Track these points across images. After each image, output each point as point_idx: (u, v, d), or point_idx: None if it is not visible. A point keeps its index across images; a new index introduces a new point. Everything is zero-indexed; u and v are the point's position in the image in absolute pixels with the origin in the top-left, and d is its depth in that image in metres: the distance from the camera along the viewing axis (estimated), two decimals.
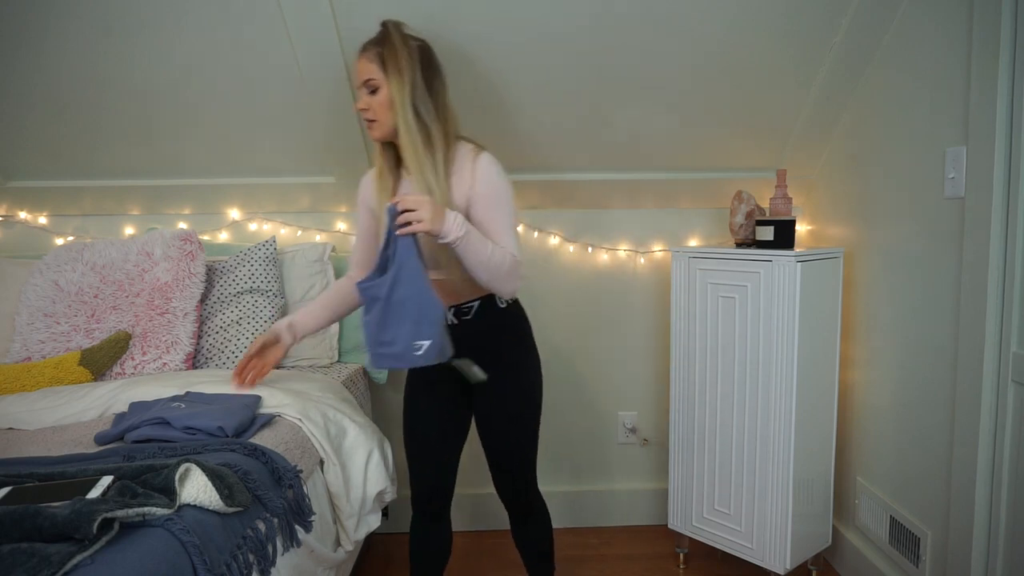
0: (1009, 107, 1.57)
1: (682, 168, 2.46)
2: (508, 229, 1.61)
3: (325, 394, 1.94)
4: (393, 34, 1.62)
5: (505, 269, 1.56)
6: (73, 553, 0.99)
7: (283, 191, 2.49)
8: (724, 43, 2.03)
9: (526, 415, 1.77)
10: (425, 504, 1.83)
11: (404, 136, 1.59)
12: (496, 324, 1.73)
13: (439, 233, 1.48)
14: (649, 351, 2.68)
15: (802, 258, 2.02)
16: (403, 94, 1.58)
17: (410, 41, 1.63)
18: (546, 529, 1.92)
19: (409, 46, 1.61)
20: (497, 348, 1.73)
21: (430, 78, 1.63)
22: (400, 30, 1.64)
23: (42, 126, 2.24)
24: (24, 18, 1.91)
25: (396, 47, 1.59)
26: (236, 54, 2.02)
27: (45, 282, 2.19)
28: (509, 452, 1.79)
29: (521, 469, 1.81)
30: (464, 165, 1.62)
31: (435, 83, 1.65)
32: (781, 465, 2.07)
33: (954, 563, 1.75)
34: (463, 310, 1.71)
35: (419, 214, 1.45)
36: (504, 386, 1.74)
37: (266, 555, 1.32)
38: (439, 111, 1.63)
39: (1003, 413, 1.62)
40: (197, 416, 1.55)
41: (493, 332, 1.73)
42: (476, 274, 1.55)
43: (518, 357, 1.76)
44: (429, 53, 1.67)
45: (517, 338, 1.77)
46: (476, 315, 1.71)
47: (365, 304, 1.54)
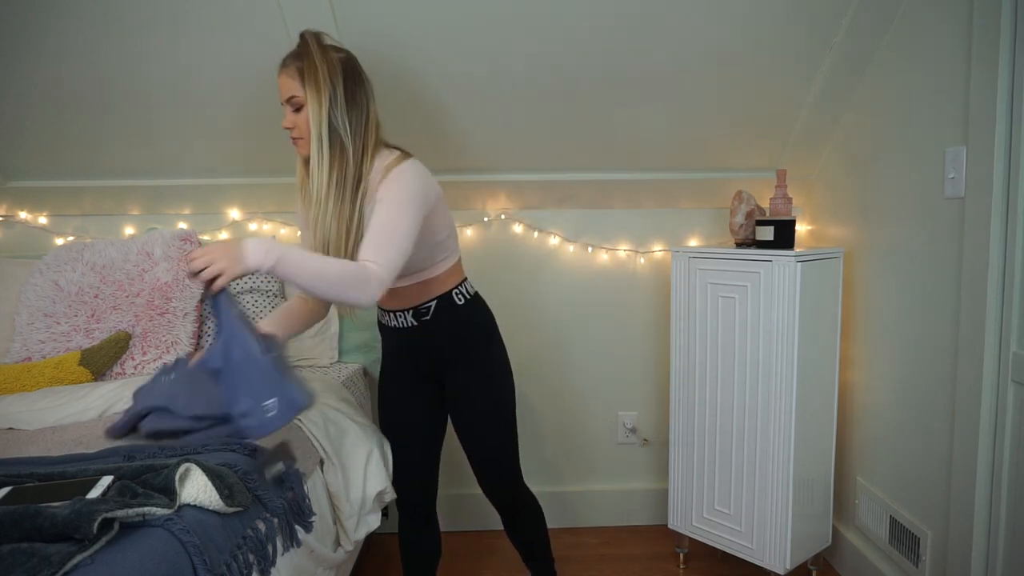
0: (1009, 107, 1.57)
1: (682, 168, 2.46)
2: (380, 235, 1.48)
3: (325, 394, 1.94)
4: (311, 46, 1.55)
5: (345, 278, 1.41)
6: (73, 553, 0.99)
7: (283, 191, 2.48)
8: (724, 43, 2.03)
9: (498, 410, 1.77)
10: (411, 507, 1.85)
11: (314, 154, 1.54)
12: (457, 321, 1.73)
13: (245, 270, 1.34)
14: (649, 351, 2.68)
15: (802, 258, 2.02)
16: (320, 110, 1.52)
17: (331, 53, 1.57)
18: (538, 525, 1.93)
19: (329, 59, 1.55)
20: (461, 346, 1.74)
21: (353, 90, 1.57)
22: (320, 41, 1.57)
23: (42, 126, 2.24)
24: (24, 18, 1.91)
25: (315, 61, 1.53)
26: (236, 54, 2.02)
27: (45, 282, 2.19)
28: (486, 449, 1.79)
29: (501, 466, 1.82)
30: (376, 176, 1.57)
31: (358, 95, 1.59)
32: (781, 465, 2.07)
33: (954, 563, 1.75)
34: (421, 311, 1.71)
35: (213, 268, 1.31)
36: (472, 383, 1.75)
37: (266, 555, 1.32)
38: (360, 125, 1.58)
39: (1003, 413, 1.62)
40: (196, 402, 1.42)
41: (455, 330, 1.73)
42: (317, 293, 1.42)
43: (483, 353, 1.76)
44: (352, 64, 1.60)
45: (480, 335, 1.76)
46: (435, 315, 1.71)
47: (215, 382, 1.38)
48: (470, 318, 1.75)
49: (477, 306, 1.78)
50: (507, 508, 1.88)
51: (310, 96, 1.53)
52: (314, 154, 1.54)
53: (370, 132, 1.60)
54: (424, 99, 2.16)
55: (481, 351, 1.76)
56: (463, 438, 1.81)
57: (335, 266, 1.43)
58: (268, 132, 2.27)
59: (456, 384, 1.76)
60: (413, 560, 1.89)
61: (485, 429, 1.78)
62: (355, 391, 2.23)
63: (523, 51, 2.03)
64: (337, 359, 2.40)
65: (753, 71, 2.12)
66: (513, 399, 1.82)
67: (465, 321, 1.74)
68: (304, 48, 1.56)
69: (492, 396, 1.77)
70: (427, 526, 1.88)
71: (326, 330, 2.37)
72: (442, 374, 1.78)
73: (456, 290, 1.73)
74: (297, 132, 1.57)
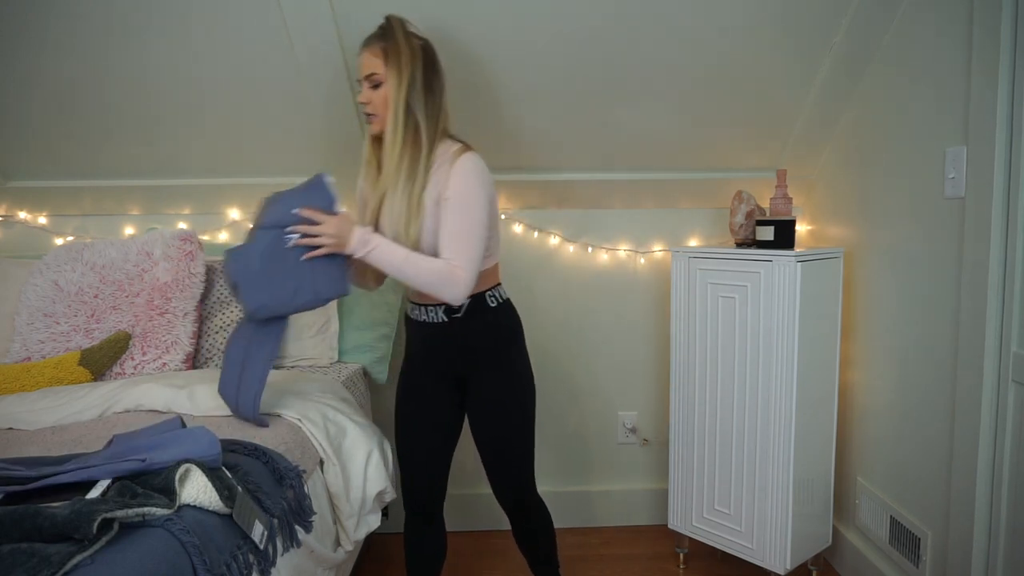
0: (1009, 107, 1.57)
1: (682, 168, 2.45)
2: (459, 235, 1.58)
3: (325, 394, 1.94)
4: (397, 30, 1.63)
5: (436, 276, 1.56)
6: (73, 553, 0.99)
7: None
8: (724, 43, 2.03)
9: (518, 415, 1.78)
10: (418, 507, 1.84)
11: (388, 134, 1.61)
12: (487, 323, 1.73)
13: (342, 252, 1.57)
14: (649, 351, 2.68)
15: (802, 258, 2.02)
16: (399, 90, 1.59)
17: (413, 39, 1.64)
18: (547, 531, 1.92)
19: (412, 43, 1.63)
20: (488, 347, 1.74)
21: (430, 78, 1.64)
22: (404, 27, 1.65)
23: (42, 126, 2.24)
24: (24, 18, 1.91)
25: (399, 43, 1.61)
26: (236, 54, 2.02)
27: (45, 282, 2.19)
28: (503, 453, 1.79)
29: (516, 471, 1.81)
30: (443, 165, 1.62)
31: (434, 83, 1.66)
32: (781, 465, 2.07)
33: (954, 563, 1.75)
34: (453, 308, 1.71)
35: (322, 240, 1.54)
36: (496, 386, 1.75)
37: (266, 555, 1.31)
38: (433, 111, 1.64)
39: (1003, 413, 1.61)
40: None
41: (485, 331, 1.73)
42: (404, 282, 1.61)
43: (509, 357, 1.77)
44: (431, 53, 1.67)
45: (508, 338, 1.77)
46: (466, 314, 1.71)
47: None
48: (500, 321, 1.75)
49: (508, 311, 1.78)
50: (517, 512, 1.87)
51: (391, 76, 1.60)
52: (389, 133, 1.61)
53: (440, 120, 1.66)
54: None
55: (507, 354, 1.77)
56: (481, 440, 1.79)
57: (423, 264, 1.57)
58: (268, 132, 2.28)
59: (480, 385, 1.75)
60: (417, 560, 1.88)
61: (505, 432, 1.77)
62: (355, 391, 2.23)
63: (521, 52, 2.03)
64: (337, 359, 2.39)
65: (753, 71, 2.12)
66: (534, 406, 1.82)
67: (495, 324, 1.74)
68: (389, 30, 1.63)
69: (515, 400, 1.77)
70: (432, 527, 1.87)
71: (326, 330, 2.37)
72: (466, 374, 1.77)
73: (490, 292, 1.74)
74: (372, 108, 1.64)
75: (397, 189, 1.61)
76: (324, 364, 2.34)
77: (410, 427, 1.81)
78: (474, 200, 1.59)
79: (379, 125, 1.65)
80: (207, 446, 1.31)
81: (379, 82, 1.62)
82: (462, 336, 1.72)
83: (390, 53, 1.61)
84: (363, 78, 1.64)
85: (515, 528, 1.92)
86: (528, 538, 1.91)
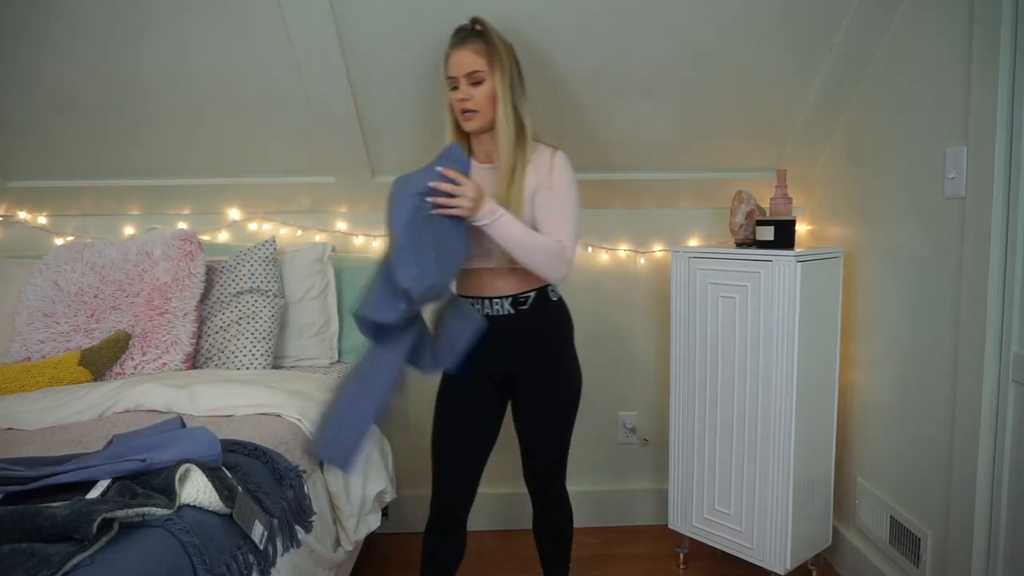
0: (1009, 107, 1.57)
1: (682, 168, 2.45)
2: (566, 219, 1.68)
3: (325, 394, 1.94)
4: (492, 31, 1.69)
5: (548, 253, 1.64)
6: (73, 553, 0.99)
7: (283, 191, 2.49)
8: (724, 43, 2.03)
9: (566, 412, 1.81)
10: (444, 511, 1.81)
11: (503, 129, 1.67)
12: (549, 317, 1.77)
13: (472, 219, 1.58)
14: (649, 351, 2.68)
15: (802, 258, 2.02)
16: (505, 88, 1.66)
17: (504, 39, 1.71)
18: (568, 527, 1.94)
19: (505, 43, 1.70)
20: (547, 340, 1.77)
21: (521, 77, 1.73)
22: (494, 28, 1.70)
23: (42, 126, 2.24)
24: (24, 18, 1.91)
25: (497, 43, 1.68)
26: (236, 54, 2.02)
27: (45, 282, 2.19)
28: (547, 446, 1.80)
29: (554, 460, 1.84)
30: (542, 159, 1.71)
31: (522, 82, 1.74)
32: (781, 465, 2.07)
33: (954, 563, 1.75)
34: (520, 299, 1.73)
35: (460, 200, 1.55)
36: (550, 380, 1.77)
37: (266, 555, 1.32)
38: (527, 109, 1.72)
39: (1003, 413, 1.61)
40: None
41: (547, 325, 1.77)
42: (515, 256, 1.63)
43: (566, 352, 1.81)
44: (515, 54, 1.74)
45: (565, 335, 1.82)
46: (532, 306, 1.74)
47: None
48: (560, 316, 1.80)
49: (565, 307, 1.83)
50: (546, 505, 1.89)
51: (497, 74, 1.66)
52: (503, 129, 1.67)
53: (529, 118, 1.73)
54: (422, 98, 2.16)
55: (562, 351, 1.80)
56: (526, 432, 1.80)
57: (539, 239, 1.64)
58: (268, 131, 2.28)
59: (533, 378, 1.76)
60: (435, 562, 1.85)
61: (551, 427, 1.79)
62: None
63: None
64: (337, 359, 2.40)
65: (753, 71, 2.12)
66: (579, 404, 1.84)
67: (556, 318, 1.79)
68: (486, 30, 1.69)
69: (565, 395, 1.80)
70: (457, 531, 1.84)
71: (326, 330, 2.37)
72: (519, 369, 1.76)
73: (551, 287, 1.78)
74: (473, 104, 1.67)
75: (512, 181, 1.67)
76: (324, 364, 2.34)
77: (449, 427, 1.79)
78: (574, 191, 1.71)
79: (478, 121, 1.69)
80: (207, 446, 1.31)
81: (481, 79, 1.66)
82: (525, 329, 1.74)
83: (492, 52, 1.66)
84: (461, 76, 1.66)
85: (538, 523, 1.93)
86: (549, 535, 1.92)
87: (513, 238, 1.61)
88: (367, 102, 2.16)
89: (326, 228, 2.58)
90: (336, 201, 2.54)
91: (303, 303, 2.35)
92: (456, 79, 1.67)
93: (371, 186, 2.44)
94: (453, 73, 1.68)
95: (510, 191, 1.66)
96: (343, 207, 2.57)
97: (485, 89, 1.67)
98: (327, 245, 2.44)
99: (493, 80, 1.66)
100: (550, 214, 1.68)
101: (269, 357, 2.20)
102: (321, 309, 2.37)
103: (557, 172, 1.69)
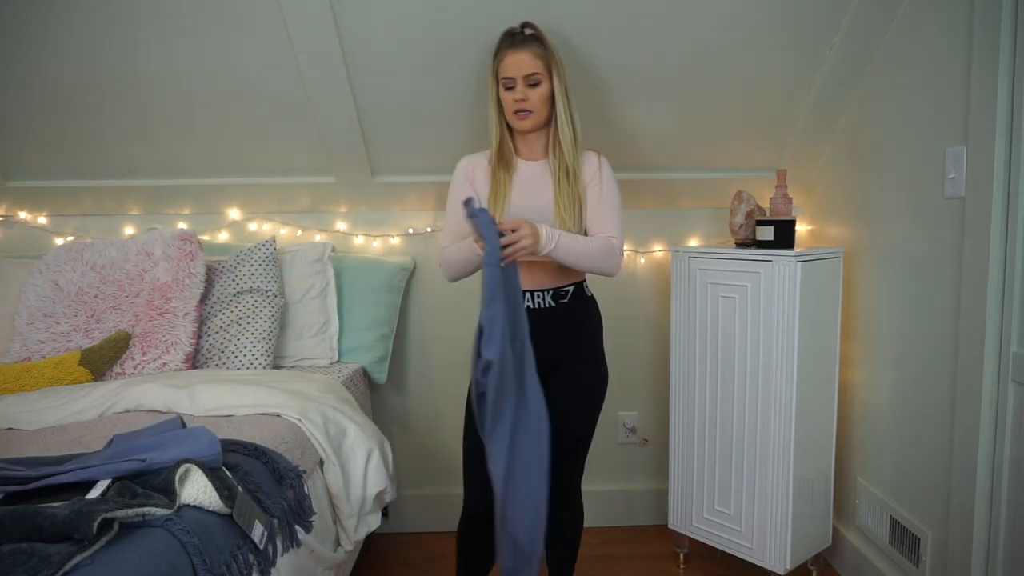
0: (1009, 107, 1.57)
1: (682, 168, 2.45)
2: (615, 217, 1.79)
3: (325, 394, 1.94)
4: (546, 36, 1.77)
5: (602, 252, 1.74)
6: (73, 553, 0.99)
7: (283, 191, 2.49)
8: (724, 43, 2.03)
9: (592, 402, 1.85)
10: (480, 508, 1.80)
11: (564, 130, 1.76)
12: (587, 310, 1.84)
13: (537, 252, 1.64)
14: (649, 351, 2.68)
15: (802, 258, 2.02)
16: (562, 91, 1.75)
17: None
18: (578, 529, 1.95)
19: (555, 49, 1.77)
20: (584, 335, 1.82)
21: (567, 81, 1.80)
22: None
23: (42, 126, 2.24)
24: (24, 18, 1.91)
25: (551, 49, 1.76)
26: (236, 54, 2.02)
27: (45, 282, 2.19)
28: (571, 441, 1.82)
29: (577, 459, 1.86)
30: (591, 160, 1.82)
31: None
32: (781, 465, 2.07)
33: (954, 563, 1.75)
34: (560, 293, 1.79)
35: (523, 243, 1.58)
36: (581, 376, 1.81)
37: (266, 555, 1.32)
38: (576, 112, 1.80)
39: (1003, 413, 1.62)
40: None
41: (584, 318, 1.84)
42: (577, 266, 1.75)
43: (595, 350, 1.86)
44: None
45: (598, 331, 1.88)
46: (571, 300, 1.80)
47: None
48: (595, 312, 1.88)
49: (596, 304, 1.89)
50: (560, 499, 1.88)
51: (555, 78, 1.75)
52: (566, 131, 1.76)
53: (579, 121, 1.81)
54: (422, 98, 2.16)
55: (594, 347, 1.86)
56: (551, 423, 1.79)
57: (592, 245, 1.73)
58: (268, 132, 2.28)
59: (565, 373, 1.79)
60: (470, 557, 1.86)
61: (577, 423, 1.82)
62: (355, 391, 2.23)
63: None
64: (337, 359, 2.40)
65: (753, 71, 2.12)
66: (603, 401, 1.88)
67: (593, 313, 1.87)
68: (540, 35, 1.77)
69: (593, 392, 1.85)
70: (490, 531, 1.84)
71: (326, 330, 2.37)
72: (553, 362, 1.78)
73: (585, 283, 1.87)
74: (529, 105, 1.74)
75: (569, 179, 1.76)
76: (324, 364, 2.34)
77: None
78: (618, 190, 1.83)
79: (532, 121, 1.76)
80: (207, 446, 1.32)
81: (538, 81, 1.73)
82: (562, 322, 1.78)
83: (549, 56, 1.75)
84: (520, 76, 1.72)
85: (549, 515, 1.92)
86: (560, 527, 1.92)
87: (573, 253, 1.70)
88: (367, 102, 2.16)
89: (326, 228, 2.58)
90: (336, 201, 2.54)
91: (303, 303, 2.35)
92: (513, 79, 1.73)
93: (371, 186, 2.44)
94: (511, 74, 1.73)
95: (568, 188, 1.75)
96: (343, 207, 2.57)
97: (541, 91, 1.74)
98: (327, 245, 2.44)
99: (550, 83, 1.74)
100: (599, 212, 1.78)
101: (269, 357, 2.20)
102: (321, 309, 2.37)
103: (605, 172, 1.81)
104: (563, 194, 1.76)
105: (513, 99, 1.74)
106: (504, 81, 1.75)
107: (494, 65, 1.78)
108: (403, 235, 2.58)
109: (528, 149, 1.83)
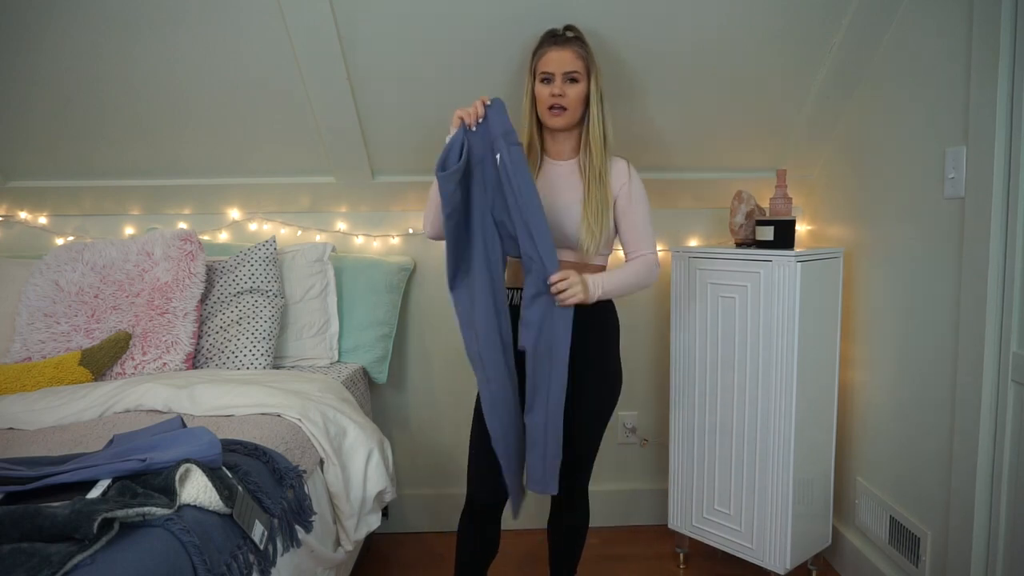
0: (1009, 107, 1.57)
1: (682, 168, 2.46)
2: (647, 225, 1.83)
3: (325, 394, 1.94)
4: (586, 39, 1.79)
5: (643, 274, 1.80)
6: (73, 553, 0.99)
7: (283, 191, 2.49)
8: (724, 43, 2.03)
9: (604, 411, 1.84)
10: (483, 505, 1.82)
11: (596, 131, 1.77)
12: (603, 314, 1.83)
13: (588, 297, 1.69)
14: (649, 351, 2.68)
15: (802, 258, 2.02)
16: (598, 93, 1.77)
17: None
18: (583, 529, 1.95)
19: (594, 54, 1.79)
20: (597, 340, 1.81)
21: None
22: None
23: (42, 126, 2.24)
24: (24, 18, 1.91)
25: (591, 52, 1.77)
26: (236, 54, 2.02)
27: (45, 282, 2.19)
28: (580, 444, 1.81)
29: (586, 462, 1.86)
30: (620, 166, 1.82)
31: None
32: (781, 465, 2.07)
33: (954, 563, 1.75)
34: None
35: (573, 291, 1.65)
36: (595, 379, 1.80)
37: (266, 555, 1.32)
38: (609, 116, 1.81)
39: (1003, 413, 1.62)
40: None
41: (605, 321, 1.83)
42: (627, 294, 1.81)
43: (610, 354, 1.85)
44: None
45: (614, 335, 1.87)
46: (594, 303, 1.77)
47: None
48: (613, 314, 1.87)
49: (613, 309, 1.87)
50: (567, 503, 1.89)
51: (593, 80, 1.76)
52: (597, 132, 1.77)
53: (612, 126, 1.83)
54: (422, 98, 2.16)
55: (609, 351, 1.85)
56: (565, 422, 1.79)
57: (630, 270, 1.79)
58: (268, 132, 2.28)
59: (579, 387, 1.77)
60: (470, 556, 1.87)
61: (588, 426, 1.82)
62: (355, 391, 2.23)
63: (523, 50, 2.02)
64: (337, 359, 2.40)
65: (753, 71, 2.12)
66: (616, 402, 1.87)
67: (608, 319, 1.85)
68: (581, 37, 1.79)
69: (606, 396, 1.84)
70: (493, 525, 1.87)
71: (326, 330, 2.37)
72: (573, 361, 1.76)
73: None
74: (566, 102, 1.74)
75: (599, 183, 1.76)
76: (324, 364, 2.34)
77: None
78: (647, 201, 1.84)
79: (564, 119, 1.76)
80: (207, 446, 1.32)
81: (577, 79, 1.74)
82: (586, 324, 1.77)
83: (590, 58, 1.76)
84: (560, 72, 1.73)
85: (554, 520, 1.94)
86: (564, 534, 1.93)
87: (620, 288, 1.76)
88: (367, 102, 2.16)
89: (326, 228, 2.58)
90: (336, 201, 2.54)
91: (303, 303, 2.35)
92: (552, 74, 1.74)
93: (371, 186, 2.44)
94: (551, 69, 1.74)
95: (598, 191, 1.75)
96: (343, 207, 2.57)
97: (578, 90, 1.74)
98: (327, 245, 2.44)
99: (587, 83, 1.75)
100: (632, 225, 1.81)
101: (269, 357, 2.20)
102: (321, 309, 2.37)
103: (636, 182, 1.81)
104: (592, 197, 1.75)
105: (550, 93, 1.74)
106: (542, 75, 1.75)
107: (532, 62, 1.78)
108: (403, 235, 2.58)
109: (556, 148, 1.83)
